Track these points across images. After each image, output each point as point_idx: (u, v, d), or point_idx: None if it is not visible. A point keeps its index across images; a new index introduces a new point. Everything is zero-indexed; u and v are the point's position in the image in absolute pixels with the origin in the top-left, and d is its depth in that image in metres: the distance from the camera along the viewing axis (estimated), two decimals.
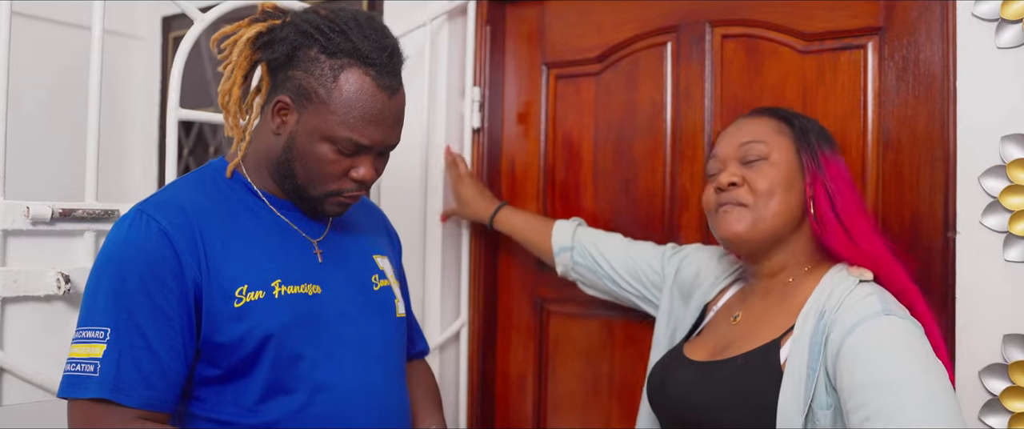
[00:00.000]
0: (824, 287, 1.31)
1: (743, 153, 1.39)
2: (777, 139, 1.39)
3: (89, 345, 1.19)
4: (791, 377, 1.24)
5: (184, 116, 1.65)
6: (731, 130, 1.46)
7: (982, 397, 1.43)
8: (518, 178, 2.18)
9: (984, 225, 1.43)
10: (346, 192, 1.33)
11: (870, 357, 1.17)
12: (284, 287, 1.29)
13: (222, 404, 1.26)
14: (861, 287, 1.28)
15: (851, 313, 1.23)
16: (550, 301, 2.12)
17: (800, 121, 1.42)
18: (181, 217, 1.25)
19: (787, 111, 1.45)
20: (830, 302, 1.27)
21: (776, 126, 1.41)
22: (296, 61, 1.29)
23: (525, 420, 2.16)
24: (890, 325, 1.20)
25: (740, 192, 1.38)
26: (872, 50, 1.67)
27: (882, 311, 1.22)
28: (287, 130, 1.30)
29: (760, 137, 1.39)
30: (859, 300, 1.25)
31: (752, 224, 1.36)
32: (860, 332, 1.20)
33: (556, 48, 2.13)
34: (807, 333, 1.26)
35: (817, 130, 1.42)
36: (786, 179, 1.36)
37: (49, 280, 1.46)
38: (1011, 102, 1.42)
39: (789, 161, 1.37)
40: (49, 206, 1.46)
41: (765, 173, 1.36)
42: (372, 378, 1.35)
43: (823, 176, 1.35)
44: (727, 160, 1.42)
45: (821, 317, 1.26)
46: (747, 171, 1.38)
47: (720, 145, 1.45)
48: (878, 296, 1.26)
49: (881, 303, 1.24)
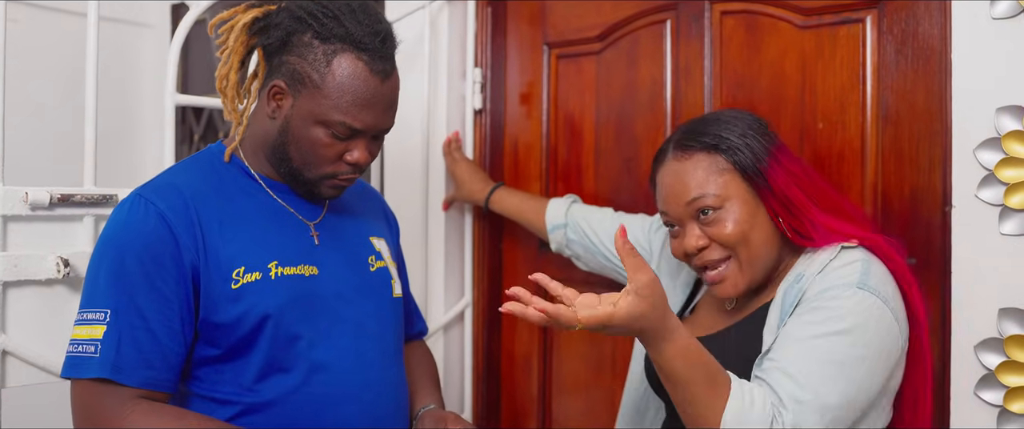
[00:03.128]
0: (807, 256, 1.32)
1: (695, 210, 1.32)
2: (720, 181, 1.30)
3: (90, 326, 1.22)
4: (768, 330, 1.27)
5: (181, 101, 1.67)
6: (668, 178, 1.35)
7: (978, 371, 1.42)
8: (520, 159, 2.19)
9: (979, 198, 1.42)
10: (341, 175, 1.35)
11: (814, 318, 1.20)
12: (281, 268, 1.31)
13: (221, 383, 1.29)
14: (846, 252, 1.28)
15: (829, 276, 1.24)
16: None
17: (729, 140, 1.31)
18: (178, 201, 1.28)
19: (710, 131, 1.34)
20: (812, 267, 1.28)
21: (710, 164, 1.31)
22: (290, 46, 1.31)
23: (530, 400, 2.18)
24: (856, 300, 1.20)
25: (712, 251, 1.32)
26: (871, 24, 1.66)
27: (857, 283, 1.22)
28: (282, 114, 1.32)
29: (704, 189, 1.30)
30: (842, 265, 1.25)
31: (747, 278, 1.32)
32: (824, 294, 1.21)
33: (557, 27, 2.12)
34: (781, 293, 1.28)
35: (749, 135, 1.32)
36: (749, 215, 1.30)
37: (49, 264, 1.50)
38: (1006, 73, 1.41)
39: (742, 195, 1.30)
40: (48, 191, 1.49)
41: (726, 222, 1.30)
42: (368, 357, 1.37)
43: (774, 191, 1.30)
44: (681, 219, 1.34)
45: (800, 279, 1.27)
46: (708, 228, 1.31)
47: (663, 199, 1.36)
48: (862, 263, 1.25)
49: (861, 273, 1.23)
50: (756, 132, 1.33)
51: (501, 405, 2.24)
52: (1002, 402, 1.40)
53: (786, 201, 1.29)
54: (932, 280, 1.56)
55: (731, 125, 1.34)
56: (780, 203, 1.30)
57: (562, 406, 2.12)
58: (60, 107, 2.35)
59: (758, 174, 1.30)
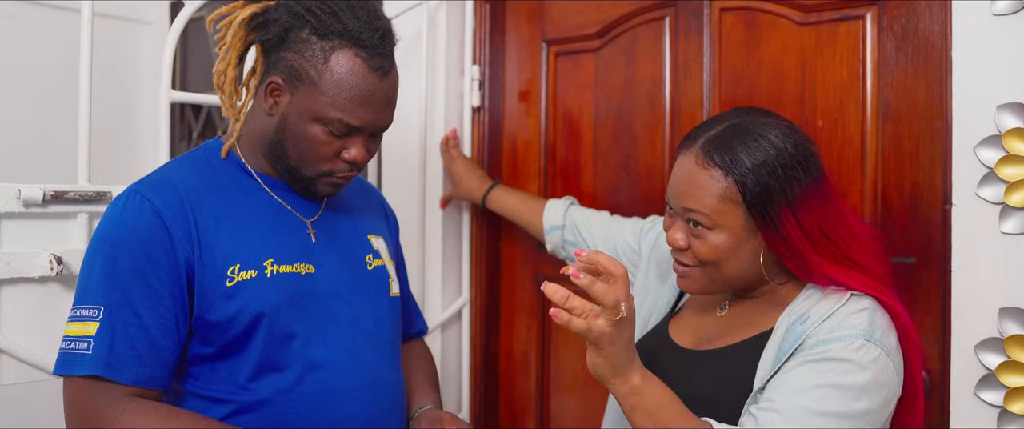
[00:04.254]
0: (812, 290, 1.26)
1: (687, 217, 1.27)
2: (721, 210, 1.23)
3: (83, 323, 1.21)
4: (761, 367, 1.22)
5: (177, 98, 1.66)
6: (681, 172, 1.29)
7: (978, 371, 1.42)
8: (519, 157, 2.18)
9: (980, 196, 1.41)
10: (338, 173, 1.34)
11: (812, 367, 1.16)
12: (276, 266, 1.30)
13: (215, 381, 1.28)
14: (854, 301, 1.22)
15: (835, 324, 1.19)
16: (553, 279, 2.11)
17: (749, 176, 1.21)
18: (174, 197, 1.27)
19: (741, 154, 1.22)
20: (818, 309, 1.22)
21: (724, 191, 1.23)
22: (288, 42, 1.30)
23: (528, 398, 2.17)
24: (863, 353, 1.16)
25: (687, 256, 1.29)
26: (871, 20, 1.65)
27: (864, 334, 1.17)
28: (279, 111, 1.31)
29: (702, 207, 1.24)
30: (850, 314, 1.20)
31: (704, 285, 1.30)
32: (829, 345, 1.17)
33: (556, 24, 2.12)
34: (783, 329, 1.23)
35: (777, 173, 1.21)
36: (733, 246, 1.25)
37: (42, 262, 1.49)
38: (1007, 70, 1.40)
39: (737, 230, 1.24)
40: (41, 188, 1.48)
41: (708, 242, 1.25)
42: (364, 357, 1.36)
43: (786, 239, 1.22)
44: (677, 212, 1.30)
45: (804, 320, 1.22)
46: (692, 237, 1.28)
47: (671, 187, 1.31)
48: (869, 314, 1.20)
49: (868, 324, 1.18)
50: (787, 168, 1.21)
51: (499, 403, 2.23)
52: (1002, 402, 1.39)
53: (795, 246, 1.23)
54: (932, 279, 1.55)
55: (762, 153, 1.22)
56: (787, 246, 1.23)
57: (560, 404, 2.12)
58: (57, 104, 2.35)
59: (766, 215, 1.22)
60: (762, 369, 1.23)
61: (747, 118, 1.28)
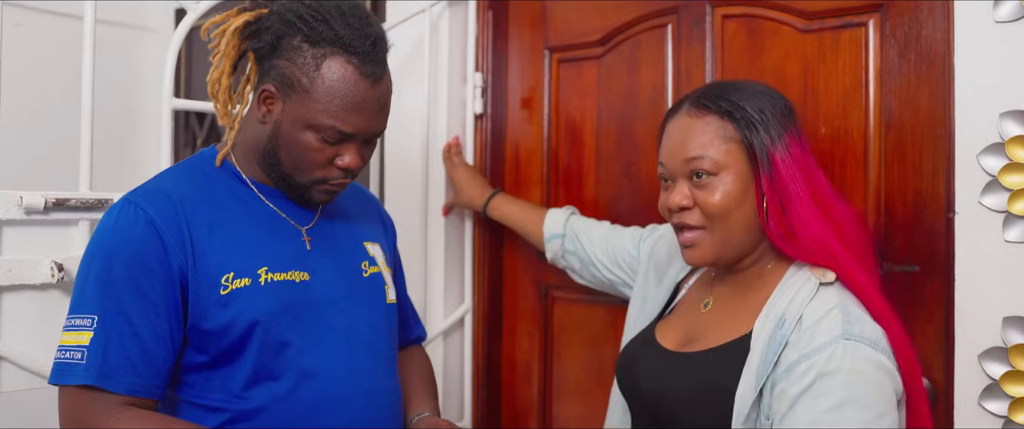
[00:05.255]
0: (785, 287, 1.26)
1: (690, 169, 1.29)
2: (724, 149, 1.27)
3: (78, 332, 1.21)
4: (746, 377, 1.22)
5: (178, 106, 1.67)
6: (675, 132, 1.32)
7: (982, 382, 1.40)
8: (522, 164, 2.17)
9: (983, 204, 1.40)
10: (332, 180, 1.33)
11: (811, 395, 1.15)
12: (270, 274, 1.30)
13: (210, 390, 1.28)
14: (823, 294, 1.23)
15: (811, 334, 1.18)
16: (555, 287, 2.11)
17: (746, 112, 1.27)
18: (168, 206, 1.27)
19: (730, 97, 1.29)
20: (792, 309, 1.22)
21: (721, 129, 1.28)
22: (280, 50, 1.30)
23: (530, 406, 2.16)
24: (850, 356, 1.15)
25: (692, 215, 1.29)
26: (873, 27, 1.64)
27: (842, 334, 1.16)
28: (272, 119, 1.31)
29: (705, 151, 1.27)
30: (821, 317, 1.19)
31: (716, 252, 1.29)
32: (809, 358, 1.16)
33: (558, 31, 2.11)
34: (764, 336, 1.23)
35: (768, 112, 1.27)
36: (739, 192, 1.26)
37: (43, 269, 1.49)
38: (1009, 77, 1.38)
39: (739, 169, 1.27)
40: (42, 195, 1.49)
41: (716, 190, 1.26)
42: (360, 364, 1.36)
43: (774, 180, 1.25)
44: (675, 174, 1.31)
45: (780, 324, 1.22)
46: (697, 190, 1.28)
47: (665, 150, 1.33)
48: (840, 310, 1.19)
49: (843, 322, 1.18)
50: (777, 112, 1.28)
51: (501, 411, 2.22)
52: (1006, 412, 1.37)
53: (783, 190, 1.24)
54: (935, 288, 1.54)
55: (754, 98, 1.29)
56: (774, 190, 1.25)
57: (562, 412, 2.10)
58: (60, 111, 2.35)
59: (764, 154, 1.25)
60: (747, 376, 1.22)
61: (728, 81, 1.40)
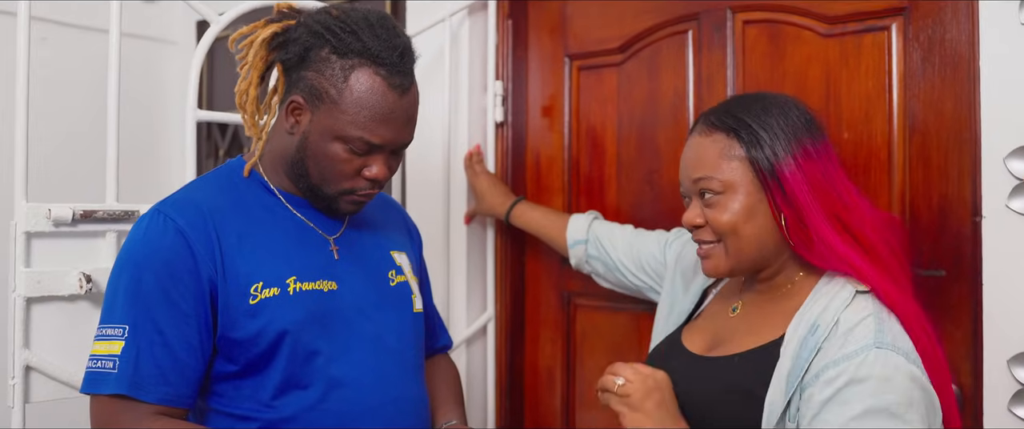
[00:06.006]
0: (819, 294, 1.25)
1: (699, 189, 1.30)
2: (727, 167, 1.27)
3: (109, 342, 1.22)
4: (777, 381, 1.21)
5: (202, 117, 1.68)
6: (689, 150, 1.34)
7: (1011, 387, 1.39)
8: (543, 172, 2.18)
9: (1010, 208, 1.39)
10: (359, 191, 1.34)
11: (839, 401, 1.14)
12: (299, 284, 1.31)
13: (239, 399, 1.29)
14: (859, 301, 1.21)
15: (844, 341, 1.17)
16: (577, 294, 2.11)
17: (751, 128, 1.27)
18: (197, 216, 1.28)
19: (738, 113, 1.29)
20: (826, 315, 1.21)
21: (725, 148, 1.28)
22: (308, 61, 1.30)
23: (553, 414, 2.16)
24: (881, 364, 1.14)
25: (705, 232, 1.31)
26: (896, 31, 1.63)
27: (874, 343, 1.16)
28: (300, 129, 1.32)
29: (709, 171, 1.28)
30: (855, 324, 1.19)
31: (730, 264, 1.30)
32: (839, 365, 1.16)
33: (578, 39, 2.12)
34: (795, 342, 1.22)
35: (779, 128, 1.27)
36: (747, 208, 1.26)
37: (72, 280, 1.51)
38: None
39: (747, 186, 1.27)
40: (70, 208, 1.50)
41: (723, 208, 1.27)
42: (388, 373, 1.36)
43: (784, 193, 1.24)
44: (690, 193, 1.33)
45: (813, 330, 1.21)
46: (707, 209, 1.29)
47: (681, 169, 1.35)
48: (875, 319, 1.19)
49: (876, 331, 1.17)
50: (790, 127, 1.27)
51: (524, 419, 2.22)
52: None
53: (796, 203, 1.24)
54: (962, 292, 1.53)
55: (765, 113, 1.28)
56: (789, 204, 1.24)
57: (586, 420, 2.10)
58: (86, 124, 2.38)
59: (770, 170, 1.25)
60: (777, 381, 1.21)
61: (750, 94, 1.38)
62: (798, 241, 1.26)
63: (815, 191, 1.24)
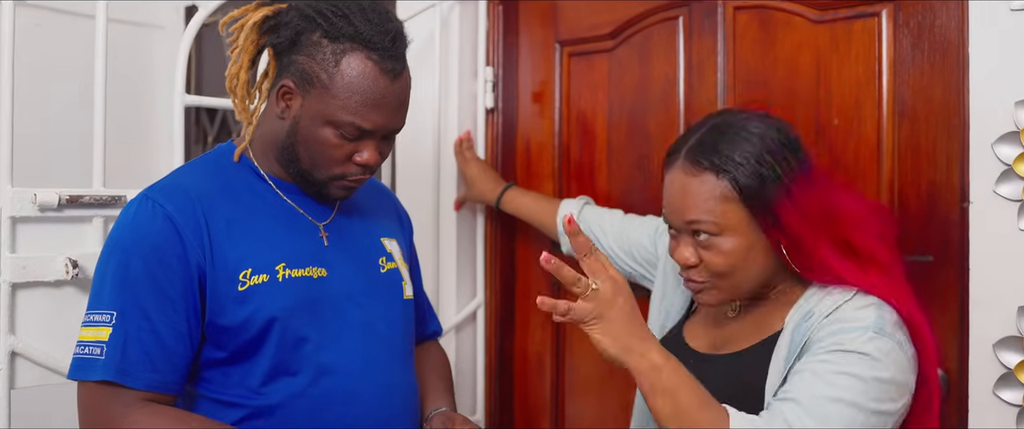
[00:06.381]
0: (818, 290, 1.26)
1: (692, 230, 1.26)
2: (721, 210, 1.23)
3: (96, 328, 1.22)
4: (775, 364, 1.22)
5: (190, 102, 1.67)
6: (675, 187, 1.28)
7: (997, 371, 1.40)
8: (533, 158, 2.17)
9: (998, 194, 1.39)
10: (350, 176, 1.33)
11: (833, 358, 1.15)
12: (288, 270, 1.30)
13: (228, 385, 1.28)
14: (860, 296, 1.22)
15: (842, 318, 1.18)
16: None
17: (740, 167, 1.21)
18: (185, 202, 1.27)
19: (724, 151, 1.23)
20: (822, 306, 1.22)
21: (716, 189, 1.23)
22: (300, 45, 1.29)
23: (543, 400, 2.17)
24: (875, 345, 1.15)
25: (699, 273, 1.27)
26: (887, 17, 1.63)
27: (873, 327, 1.16)
28: (291, 114, 1.31)
29: (702, 214, 1.23)
30: (856, 309, 1.19)
31: (728, 296, 1.29)
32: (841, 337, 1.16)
33: (569, 25, 2.11)
34: (791, 328, 1.23)
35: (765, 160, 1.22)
36: (744, 248, 1.23)
37: (58, 266, 1.50)
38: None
39: (743, 227, 1.23)
40: (56, 192, 1.49)
41: (720, 250, 1.24)
42: (377, 360, 1.36)
43: (783, 228, 1.22)
44: (679, 230, 1.29)
45: (808, 317, 1.22)
46: (702, 249, 1.25)
47: (667, 205, 1.30)
48: (876, 309, 1.19)
49: (876, 318, 1.17)
50: (775, 155, 1.23)
51: (514, 405, 2.22)
52: (1021, 402, 1.37)
53: (792, 234, 1.22)
54: (950, 277, 1.54)
55: (748, 145, 1.23)
56: (786, 236, 1.23)
57: (575, 406, 2.11)
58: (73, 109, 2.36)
59: (764, 207, 1.22)
60: (774, 367, 1.22)
61: (723, 118, 1.30)
62: (801, 266, 1.24)
63: (812, 220, 1.22)
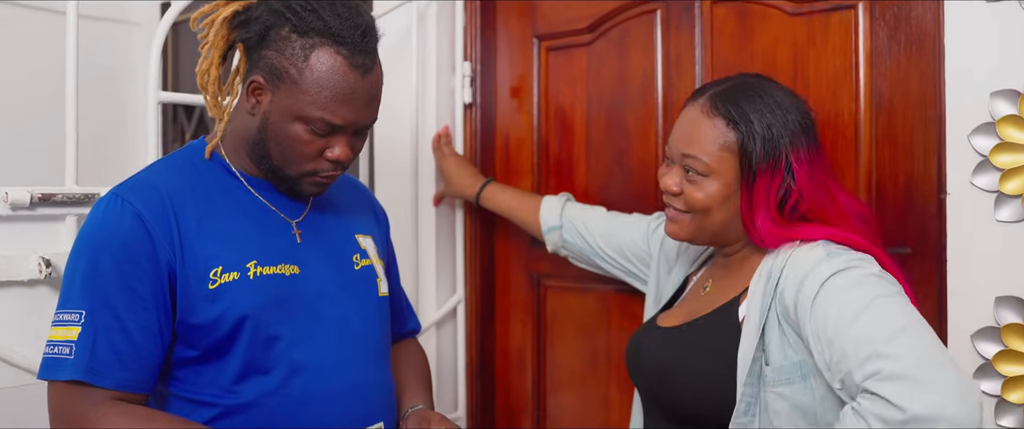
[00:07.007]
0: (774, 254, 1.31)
1: (684, 163, 1.34)
2: (718, 155, 1.31)
3: (66, 328, 1.20)
4: (747, 330, 1.26)
5: (165, 98, 1.65)
6: (686, 120, 1.37)
7: (975, 361, 1.40)
8: (512, 153, 2.16)
9: (975, 185, 1.40)
10: (322, 172, 1.32)
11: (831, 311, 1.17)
12: (259, 268, 1.29)
13: (200, 384, 1.27)
14: (807, 244, 1.28)
15: (798, 267, 1.24)
16: (547, 276, 2.11)
17: (752, 127, 1.30)
18: (155, 199, 1.25)
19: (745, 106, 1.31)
20: (777, 262, 1.28)
21: (723, 135, 1.31)
22: (269, 40, 1.28)
23: (524, 396, 2.16)
24: (831, 263, 1.21)
25: (678, 201, 1.37)
26: (863, 10, 1.63)
27: (824, 254, 1.23)
28: (261, 110, 1.29)
29: (699, 151, 1.32)
30: (804, 253, 1.26)
31: (691, 233, 1.38)
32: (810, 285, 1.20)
33: (547, 19, 2.10)
34: (759, 291, 1.28)
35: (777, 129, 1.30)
36: (722, 196, 1.32)
37: (31, 265, 1.48)
38: (999, 56, 1.38)
39: (728, 178, 1.32)
40: (28, 191, 1.47)
41: (701, 189, 1.33)
42: (351, 358, 1.35)
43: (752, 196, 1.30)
44: (674, 159, 1.38)
45: (770, 277, 1.28)
46: (686, 183, 1.34)
47: (673, 134, 1.39)
48: (823, 246, 1.25)
49: (825, 251, 1.24)
50: (788, 130, 1.30)
51: (495, 401, 2.21)
52: (1000, 392, 1.38)
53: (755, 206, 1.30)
54: (927, 269, 1.54)
55: (768, 112, 1.30)
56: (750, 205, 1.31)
57: (556, 400, 2.10)
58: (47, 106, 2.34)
59: (752, 172, 1.30)
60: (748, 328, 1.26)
61: (757, 79, 1.38)
62: (751, 235, 1.33)
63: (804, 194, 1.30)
